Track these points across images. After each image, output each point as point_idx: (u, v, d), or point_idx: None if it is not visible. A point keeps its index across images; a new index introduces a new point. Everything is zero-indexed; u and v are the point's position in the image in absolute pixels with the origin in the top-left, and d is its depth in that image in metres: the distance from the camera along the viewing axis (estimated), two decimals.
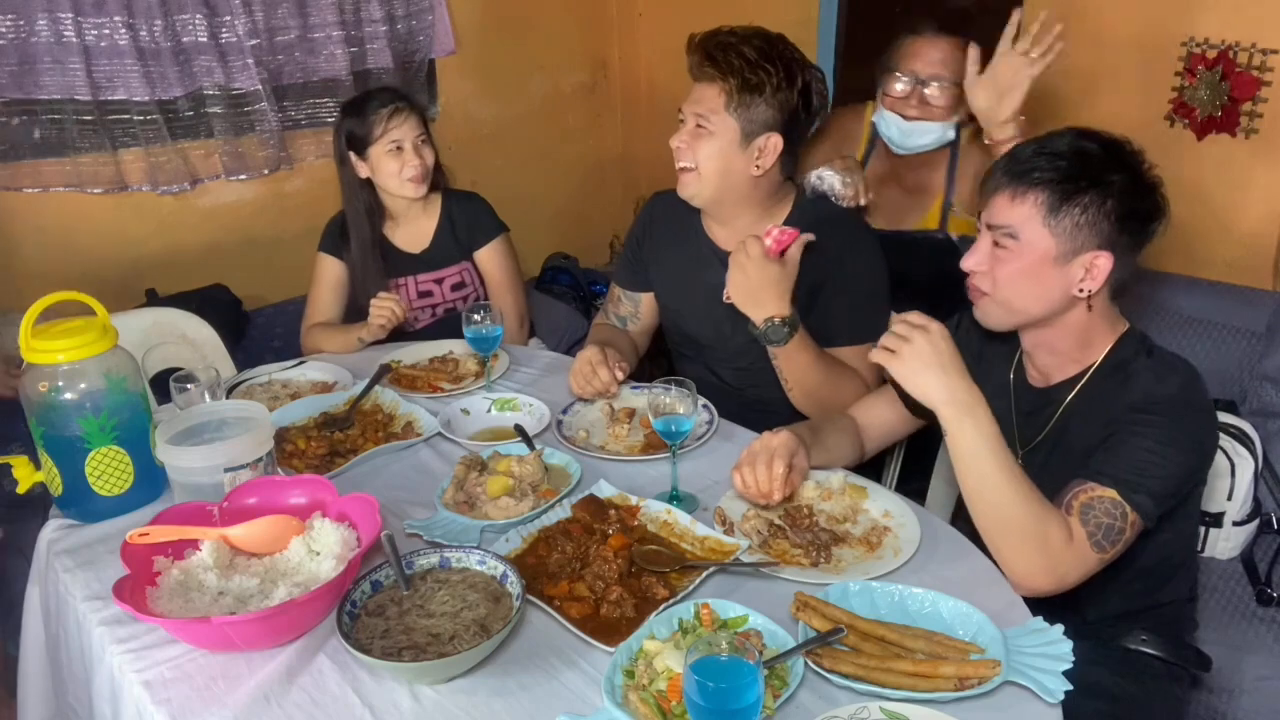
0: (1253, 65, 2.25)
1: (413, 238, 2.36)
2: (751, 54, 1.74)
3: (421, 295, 2.37)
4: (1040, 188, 1.36)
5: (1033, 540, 1.30)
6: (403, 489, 1.61)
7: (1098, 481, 1.32)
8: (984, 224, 1.44)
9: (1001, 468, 1.31)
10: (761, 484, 1.43)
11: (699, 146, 1.78)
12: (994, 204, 1.42)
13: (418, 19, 3.22)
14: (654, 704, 1.09)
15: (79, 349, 1.46)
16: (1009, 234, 1.39)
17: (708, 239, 1.94)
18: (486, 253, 2.39)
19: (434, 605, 1.24)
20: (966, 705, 1.10)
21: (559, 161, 3.82)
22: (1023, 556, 1.31)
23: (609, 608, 1.28)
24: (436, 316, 2.40)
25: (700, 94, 1.79)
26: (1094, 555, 1.30)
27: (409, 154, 2.23)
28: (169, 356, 2.34)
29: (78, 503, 1.53)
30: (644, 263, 2.06)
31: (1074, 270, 1.38)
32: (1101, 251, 1.36)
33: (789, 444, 1.46)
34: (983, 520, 1.34)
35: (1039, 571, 1.30)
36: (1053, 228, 1.36)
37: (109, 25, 2.61)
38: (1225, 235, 2.37)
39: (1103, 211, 1.35)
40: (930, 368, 1.35)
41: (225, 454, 1.48)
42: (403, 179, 2.24)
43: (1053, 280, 1.39)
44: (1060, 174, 1.36)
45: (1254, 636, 1.84)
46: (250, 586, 1.30)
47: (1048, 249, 1.37)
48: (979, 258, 1.43)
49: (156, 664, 1.23)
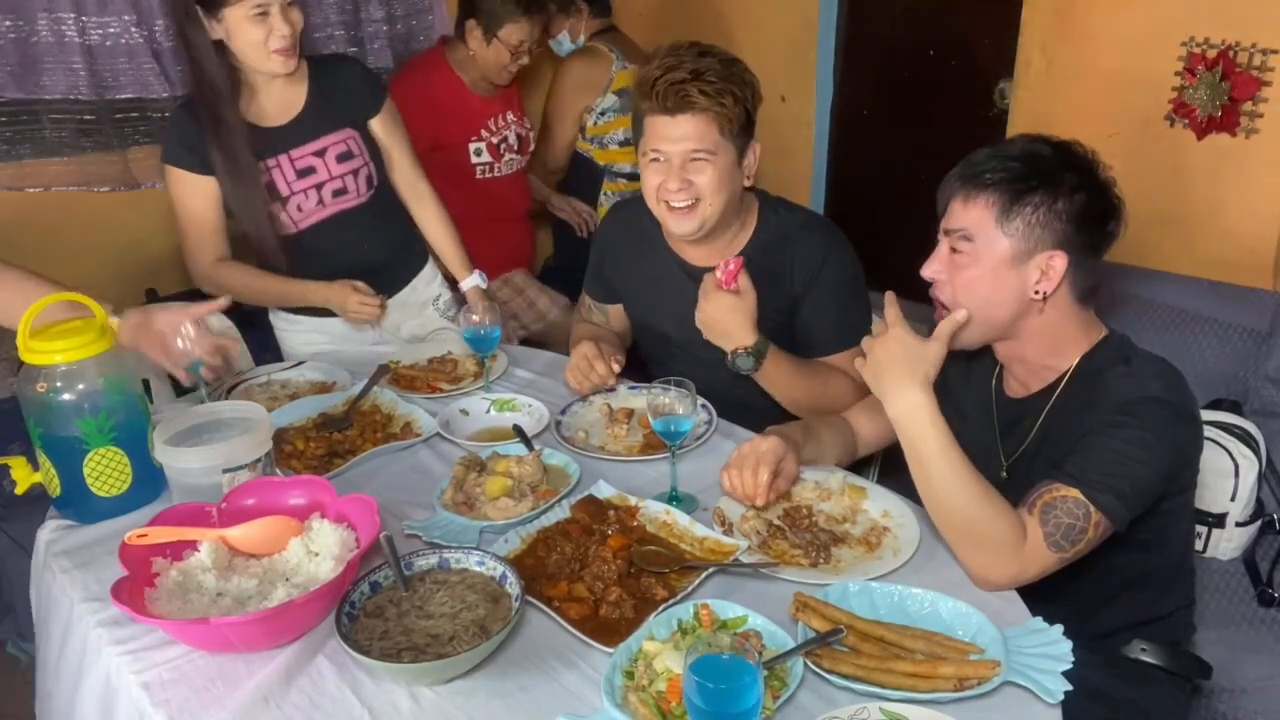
0: (1253, 65, 2.25)
1: (278, 110, 2.00)
2: (716, 81, 1.67)
3: (301, 175, 2.03)
4: (991, 189, 1.38)
5: (985, 540, 1.31)
6: (401, 490, 1.61)
7: (1062, 481, 1.32)
8: (941, 231, 1.45)
9: (955, 470, 1.32)
10: (748, 488, 1.46)
11: (701, 179, 1.72)
12: (950, 209, 1.43)
13: (418, 19, 3.22)
14: (654, 705, 1.09)
15: (77, 349, 1.46)
16: (964, 236, 1.40)
17: (678, 259, 1.91)
18: (382, 120, 2.09)
19: (433, 606, 1.24)
20: (966, 706, 1.10)
21: None
22: (975, 554, 1.33)
23: (608, 608, 1.27)
24: (324, 205, 2.06)
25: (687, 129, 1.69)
26: (1052, 555, 1.30)
27: (276, 19, 1.84)
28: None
29: (76, 504, 1.53)
30: (607, 278, 2.04)
31: (1029, 272, 1.38)
32: (1057, 251, 1.37)
33: (776, 450, 1.47)
34: (938, 519, 1.37)
35: (990, 569, 1.32)
36: (1005, 228, 1.37)
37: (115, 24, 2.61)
38: (1226, 235, 2.37)
39: (1054, 211, 1.36)
40: (883, 375, 1.38)
41: (224, 455, 1.48)
42: (268, 49, 1.87)
43: (1009, 283, 1.39)
44: (1011, 174, 1.38)
45: (1255, 637, 1.84)
46: (249, 587, 1.30)
47: (1003, 251, 1.38)
48: (937, 265, 1.44)
49: (155, 665, 1.23)
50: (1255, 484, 1.96)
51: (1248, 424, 2.00)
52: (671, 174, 1.71)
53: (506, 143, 2.91)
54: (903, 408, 1.36)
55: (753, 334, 1.71)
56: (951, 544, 1.36)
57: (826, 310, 1.84)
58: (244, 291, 2.07)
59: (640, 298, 2.00)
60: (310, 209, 2.06)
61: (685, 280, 1.87)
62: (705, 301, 1.71)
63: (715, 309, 1.70)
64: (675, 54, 1.68)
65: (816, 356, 1.84)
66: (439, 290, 2.38)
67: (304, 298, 2.09)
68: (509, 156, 2.93)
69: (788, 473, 1.50)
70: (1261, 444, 1.98)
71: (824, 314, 1.84)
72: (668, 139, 1.70)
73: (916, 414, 1.35)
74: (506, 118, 2.91)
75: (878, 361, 1.39)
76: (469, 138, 2.84)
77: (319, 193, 2.06)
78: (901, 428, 1.37)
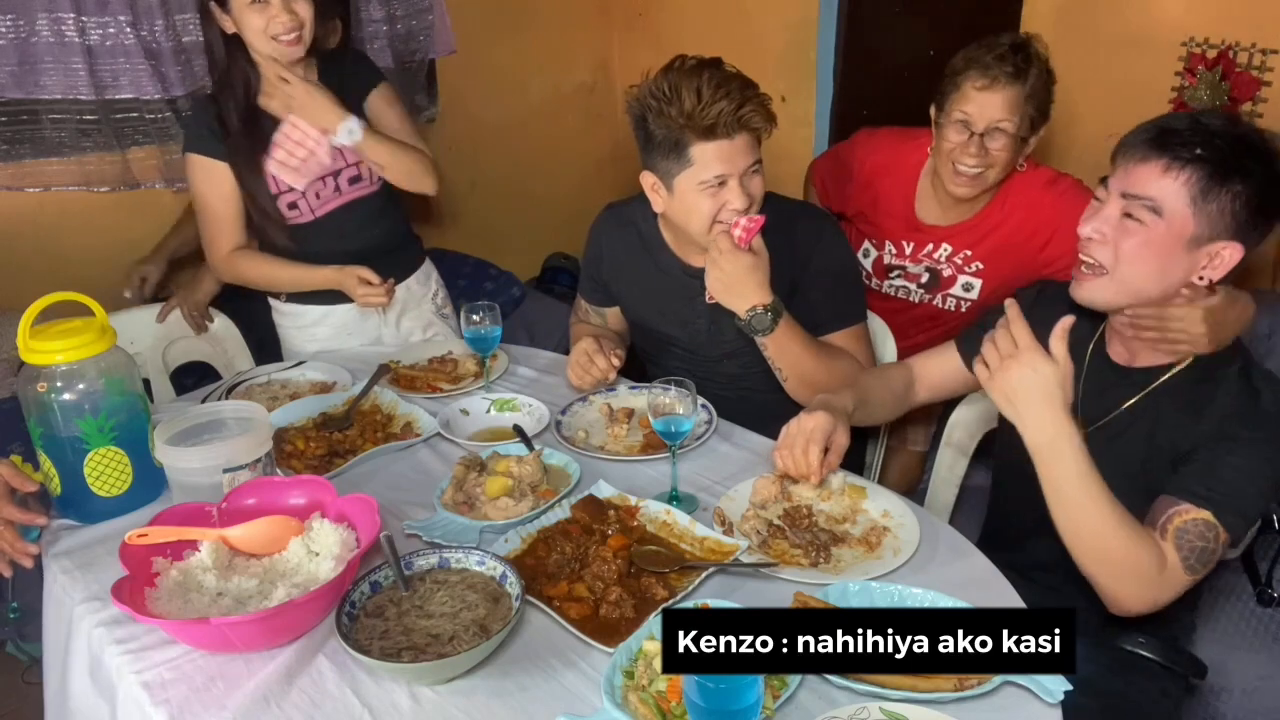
0: (1253, 65, 2.25)
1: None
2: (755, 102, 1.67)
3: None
4: (1194, 165, 1.29)
5: (1128, 569, 1.29)
6: (402, 489, 1.61)
7: (1192, 502, 1.29)
8: (1116, 191, 1.36)
9: (1095, 499, 1.29)
10: (800, 468, 1.45)
11: (754, 188, 1.72)
12: (1138, 172, 1.33)
13: (418, 19, 3.21)
14: (654, 705, 1.09)
15: (77, 349, 1.46)
16: (1151, 207, 1.31)
17: (680, 262, 1.90)
18: (376, 99, 2.09)
19: (433, 606, 1.24)
20: (966, 705, 1.10)
21: (559, 161, 3.82)
22: (1117, 584, 1.31)
23: (608, 608, 1.28)
24: (341, 193, 2.09)
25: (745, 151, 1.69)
26: (1187, 579, 1.29)
27: (275, 6, 1.86)
28: (191, 350, 2.35)
29: (76, 504, 1.53)
30: (604, 283, 2.04)
31: (1200, 257, 1.33)
32: (1233, 242, 1.31)
33: (823, 426, 1.46)
34: (1076, 549, 1.32)
35: (1133, 598, 1.31)
36: (1199, 208, 1.29)
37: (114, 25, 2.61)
38: None
39: (1246, 201, 1.29)
40: (1032, 402, 1.30)
41: (224, 454, 1.48)
42: (269, 37, 1.88)
43: (1178, 263, 1.33)
44: (1217, 154, 1.29)
45: (1254, 636, 1.84)
46: (249, 587, 1.30)
47: (1185, 229, 1.30)
48: (1102, 224, 1.36)
49: (155, 665, 1.23)
50: None
51: None
52: (736, 193, 1.69)
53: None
54: (1046, 438, 1.30)
55: (770, 293, 1.70)
56: (1088, 570, 1.33)
57: (823, 291, 1.84)
58: (259, 279, 2.13)
59: (641, 300, 2.00)
60: (328, 196, 2.09)
61: (688, 281, 1.87)
62: (724, 260, 1.67)
63: (735, 268, 1.67)
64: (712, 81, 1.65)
65: (819, 334, 1.83)
66: (435, 287, 2.39)
67: (315, 282, 2.12)
68: None
69: (838, 446, 1.48)
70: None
71: (821, 295, 1.84)
72: (733, 158, 1.67)
73: (1061, 444, 1.29)
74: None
75: (1012, 388, 1.31)
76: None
77: (335, 180, 2.09)
78: (1042, 455, 1.31)
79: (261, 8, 1.86)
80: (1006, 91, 1.90)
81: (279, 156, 1.99)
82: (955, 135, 1.95)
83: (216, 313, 2.35)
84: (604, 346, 1.86)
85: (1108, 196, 1.37)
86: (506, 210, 3.68)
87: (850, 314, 1.86)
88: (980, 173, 1.96)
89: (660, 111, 1.67)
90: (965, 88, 1.93)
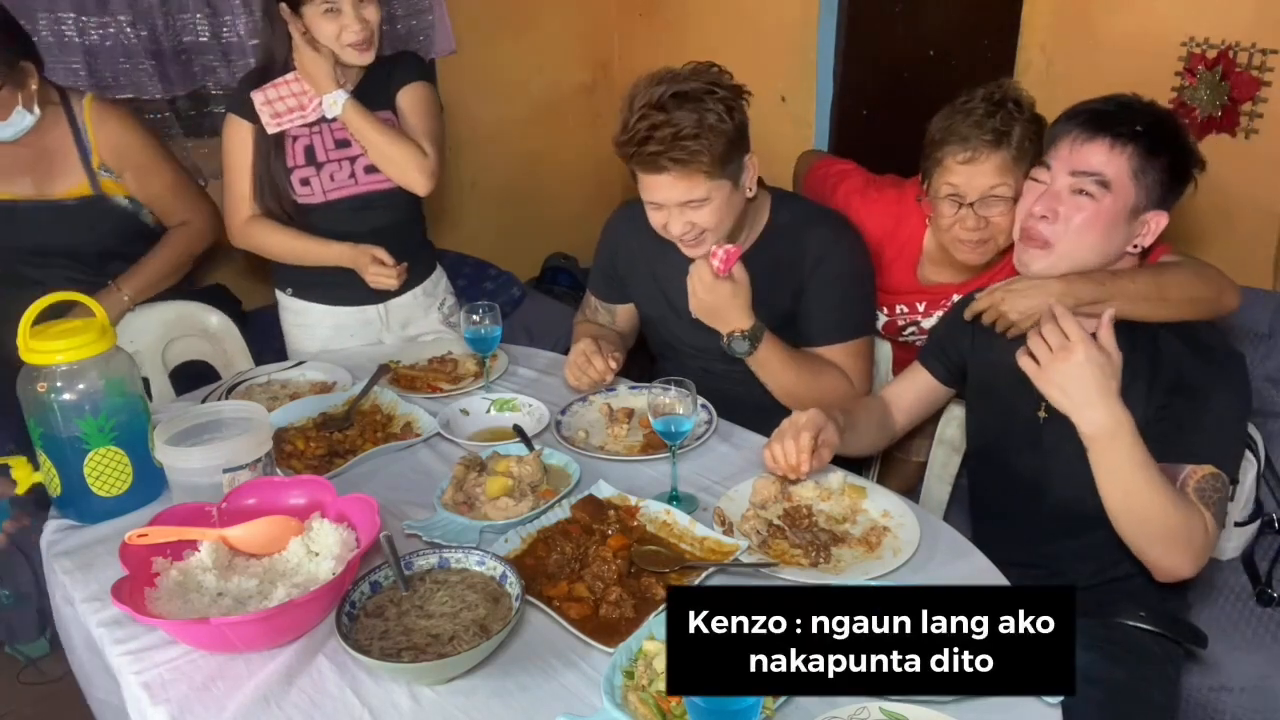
0: (1253, 65, 2.25)
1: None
2: (688, 141, 1.63)
3: (339, 145, 2.09)
4: (1132, 140, 1.41)
5: (1182, 540, 1.35)
6: (402, 489, 1.61)
7: (1193, 462, 1.38)
8: (1064, 170, 1.45)
9: (1152, 483, 1.34)
10: (789, 456, 1.46)
11: (700, 216, 1.71)
12: (1084, 151, 1.43)
13: (418, 19, 3.21)
14: (654, 704, 1.09)
15: (77, 349, 1.46)
16: (1100, 182, 1.42)
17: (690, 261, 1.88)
18: (404, 95, 2.11)
19: (433, 606, 1.24)
20: (966, 706, 1.10)
21: (559, 161, 3.82)
22: (1177, 555, 1.37)
23: (608, 608, 1.28)
24: (356, 181, 2.10)
25: (673, 187, 1.67)
26: (1217, 530, 1.38)
27: (347, 14, 1.94)
28: (190, 349, 2.34)
29: (76, 504, 1.53)
30: (620, 278, 2.04)
31: (1137, 226, 1.44)
32: (1160, 211, 1.43)
33: (815, 419, 1.48)
34: (1130, 530, 1.38)
35: (1188, 564, 1.37)
36: (1139, 181, 1.41)
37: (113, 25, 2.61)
38: (1225, 235, 2.37)
39: (1174, 171, 1.42)
40: (1090, 394, 1.33)
41: (224, 454, 1.48)
42: (342, 44, 1.97)
43: (1120, 234, 1.45)
44: (1150, 128, 1.41)
45: (1254, 636, 1.84)
46: (249, 587, 1.30)
47: (1130, 202, 1.42)
48: (1052, 202, 1.45)
49: (155, 665, 1.23)
50: (1254, 484, 1.96)
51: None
52: (673, 219, 1.72)
53: None
54: (1105, 429, 1.34)
55: (750, 318, 1.73)
56: (1142, 547, 1.39)
57: (826, 300, 1.84)
58: (273, 248, 2.15)
59: (655, 297, 2.00)
60: (342, 180, 2.10)
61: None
62: (703, 291, 1.71)
63: (714, 297, 1.71)
64: (644, 113, 1.62)
65: (813, 345, 1.84)
66: (444, 296, 2.39)
67: (329, 257, 2.12)
68: None
69: (829, 441, 1.49)
70: (1260, 444, 1.98)
71: (823, 303, 1.84)
72: (658, 192, 1.70)
73: (1119, 432, 1.33)
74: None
75: (1068, 380, 1.34)
76: None
77: (352, 165, 2.10)
78: (1100, 445, 1.35)
79: (334, 16, 1.95)
80: (991, 160, 1.71)
81: (268, 94, 2.03)
82: (949, 210, 1.79)
83: (217, 312, 2.35)
84: (602, 348, 1.86)
85: (1052, 178, 1.46)
86: (506, 210, 3.68)
87: (849, 328, 1.84)
88: (987, 241, 1.80)
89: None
90: (947, 162, 1.75)
